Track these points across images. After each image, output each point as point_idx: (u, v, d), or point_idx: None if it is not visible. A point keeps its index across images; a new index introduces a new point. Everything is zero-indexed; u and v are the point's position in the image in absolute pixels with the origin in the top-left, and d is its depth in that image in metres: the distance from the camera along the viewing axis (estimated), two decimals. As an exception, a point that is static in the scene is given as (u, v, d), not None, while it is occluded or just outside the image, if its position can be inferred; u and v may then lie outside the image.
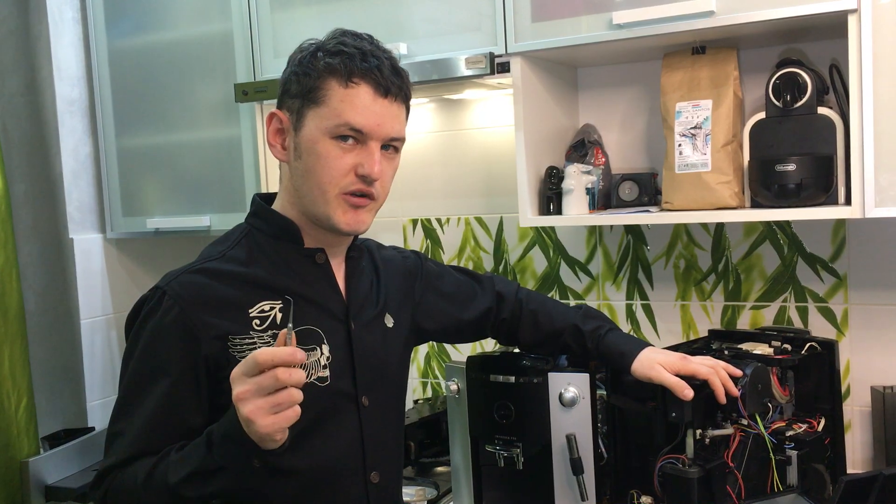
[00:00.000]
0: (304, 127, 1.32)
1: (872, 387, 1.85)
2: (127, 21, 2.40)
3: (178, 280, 1.31)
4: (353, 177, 1.31)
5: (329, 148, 1.30)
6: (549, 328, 1.66)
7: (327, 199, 1.31)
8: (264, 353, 1.10)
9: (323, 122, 1.30)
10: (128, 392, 1.31)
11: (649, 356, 1.56)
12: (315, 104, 1.30)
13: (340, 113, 1.29)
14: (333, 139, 1.30)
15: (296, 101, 1.33)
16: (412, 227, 2.40)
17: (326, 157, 1.30)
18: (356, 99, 1.30)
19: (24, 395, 2.19)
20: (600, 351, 1.61)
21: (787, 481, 1.57)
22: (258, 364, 1.10)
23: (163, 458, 1.25)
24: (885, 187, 1.55)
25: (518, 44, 1.84)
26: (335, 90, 1.30)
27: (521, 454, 1.62)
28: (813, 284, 1.94)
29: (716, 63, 1.81)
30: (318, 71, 1.30)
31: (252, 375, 1.11)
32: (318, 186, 1.31)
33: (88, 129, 2.50)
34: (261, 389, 1.10)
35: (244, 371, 1.11)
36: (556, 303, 1.74)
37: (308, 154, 1.31)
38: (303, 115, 1.32)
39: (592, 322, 1.64)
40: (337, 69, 1.30)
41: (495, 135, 2.28)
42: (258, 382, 1.10)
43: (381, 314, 1.48)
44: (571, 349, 1.65)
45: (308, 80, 1.31)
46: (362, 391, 1.39)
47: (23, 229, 2.38)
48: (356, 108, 1.30)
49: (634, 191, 1.97)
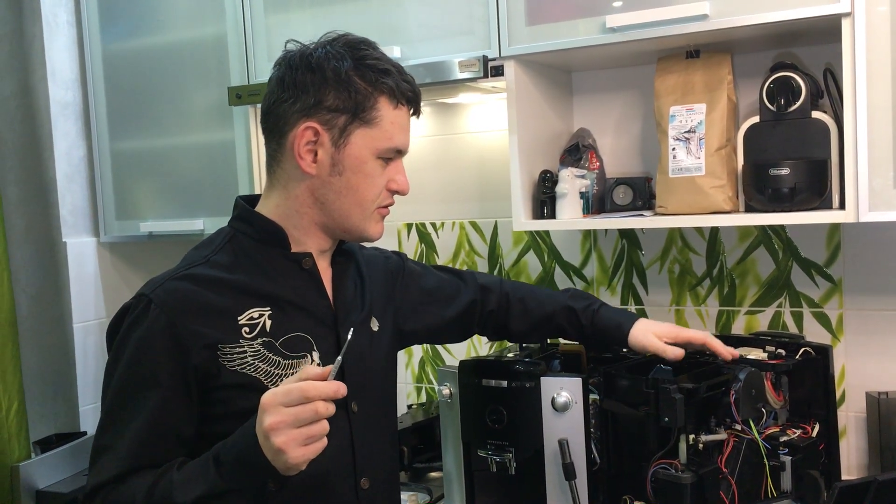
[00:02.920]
0: (350, 145, 1.31)
1: (867, 392, 1.84)
2: (121, 24, 2.40)
3: (164, 287, 1.28)
4: (386, 192, 1.37)
5: (376, 167, 1.34)
6: (540, 313, 1.67)
7: (366, 214, 1.35)
8: (313, 389, 1.10)
9: (374, 143, 1.31)
10: (114, 405, 1.27)
11: (644, 326, 1.61)
12: (366, 124, 1.31)
13: (392, 136, 1.33)
14: (379, 159, 1.33)
15: (339, 117, 1.30)
16: (406, 231, 2.40)
17: (373, 175, 1.33)
18: (402, 120, 1.34)
19: (14, 399, 2.18)
20: (595, 326, 1.63)
21: (781, 487, 1.56)
22: (305, 398, 1.10)
23: (162, 476, 1.21)
24: (879, 191, 1.55)
25: (512, 47, 1.84)
26: (386, 111, 1.31)
27: (513, 459, 1.61)
28: (808, 289, 1.94)
29: (710, 67, 1.81)
30: (370, 89, 1.30)
31: (290, 406, 1.10)
32: (359, 204, 1.34)
33: (82, 133, 2.50)
34: (297, 421, 1.10)
35: (283, 401, 1.11)
36: (542, 288, 1.77)
37: (353, 172, 1.32)
38: (348, 132, 1.30)
39: (583, 300, 1.67)
40: (391, 89, 1.31)
41: (490, 139, 2.27)
42: (296, 414, 1.10)
43: (367, 318, 1.46)
44: (565, 330, 1.67)
45: (357, 96, 1.29)
46: (352, 397, 1.38)
47: (16, 232, 2.37)
48: (403, 131, 1.35)
49: (628, 195, 1.97)
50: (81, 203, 2.49)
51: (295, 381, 1.12)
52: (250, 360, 1.28)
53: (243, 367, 1.27)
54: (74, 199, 2.47)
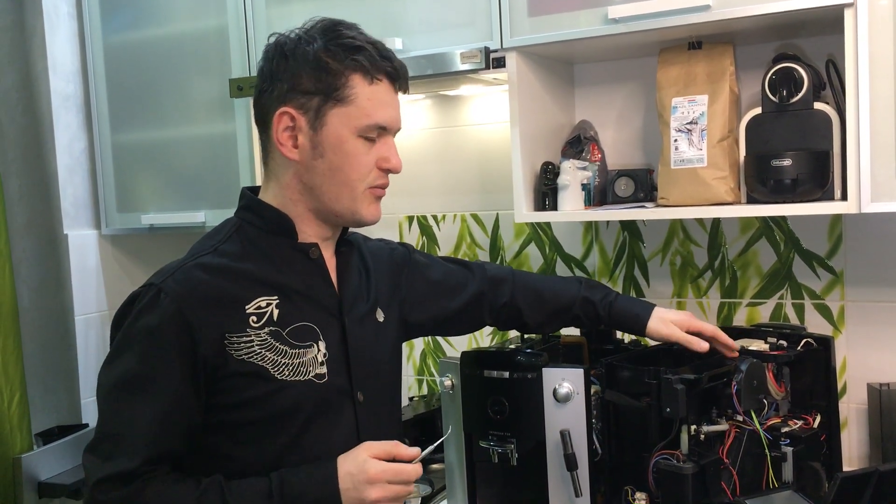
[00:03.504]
0: (327, 125, 1.30)
1: (869, 384, 1.84)
2: (122, 16, 2.39)
3: (174, 277, 1.28)
4: (377, 171, 1.34)
5: (357, 146, 1.31)
6: (556, 305, 1.67)
7: (355, 195, 1.33)
8: (415, 474, 1.30)
9: (351, 121, 1.30)
10: (121, 393, 1.26)
11: (661, 315, 1.62)
12: (340, 102, 1.29)
13: (370, 112, 1.30)
14: (360, 137, 1.31)
15: (313, 99, 1.30)
16: (408, 224, 2.39)
17: (356, 154, 1.31)
18: (382, 96, 1.32)
19: (16, 391, 2.18)
20: (613, 318, 1.64)
21: (782, 478, 1.57)
22: (408, 481, 1.29)
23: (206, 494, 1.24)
24: (881, 182, 1.55)
25: (514, 38, 1.83)
26: (361, 87, 1.30)
27: (514, 450, 1.61)
28: (809, 281, 1.94)
29: (712, 58, 1.80)
30: (340, 67, 1.29)
31: (393, 483, 1.28)
32: (346, 184, 1.32)
33: (83, 125, 2.49)
34: (396, 499, 1.29)
35: (390, 479, 1.27)
36: (554, 278, 1.76)
37: (334, 153, 1.31)
38: (323, 112, 1.30)
39: (598, 291, 1.67)
40: (363, 66, 1.29)
41: (491, 131, 2.27)
42: (397, 493, 1.28)
43: (372, 309, 1.47)
44: (581, 321, 1.68)
45: (328, 76, 1.29)
46: (357, 387, 1.38)
47: (17, 225, 2.37)
48: (383, 106, 1.32)
49: (630, 187, 1.96)
50: (83, 195, 2.49)
51: (384, 450, 1.30)
52: (257, 349, 1.28)
53: (250, 356, 1.27)
54: (76, 191, 2.47)
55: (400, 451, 1.31)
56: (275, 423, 1.30)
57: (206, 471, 1.27)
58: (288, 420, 1.30)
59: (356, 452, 1.29)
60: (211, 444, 1.29)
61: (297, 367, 1.31)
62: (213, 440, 1.29)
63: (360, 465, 1.27)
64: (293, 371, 1.30)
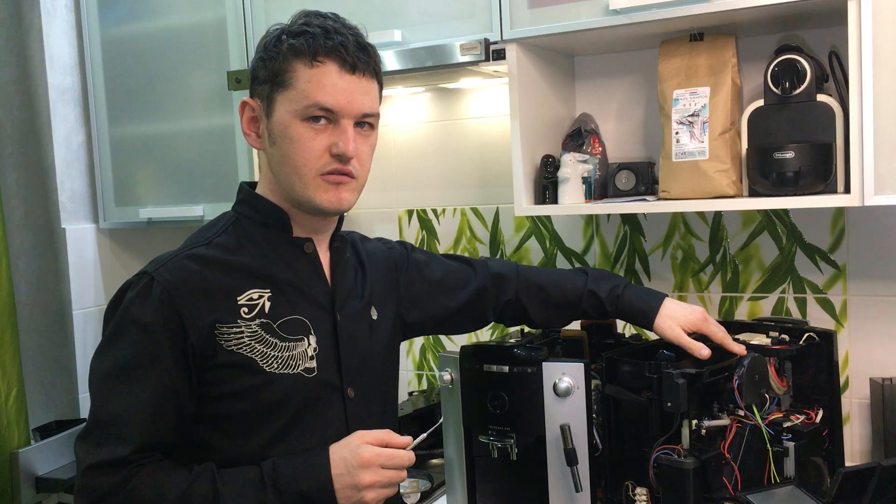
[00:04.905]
0: (275, 112, 1.30)
1: (871, 378, 1.83)
2: (119, 9, 2.38)
3: (167, 267, 1.28)
4: (328, 157, 1.30)
5: (301, 131, 1.29)
6: (561, 300, 1.65)
7: (305, 182, 1.30)
8: (408, 460, 1.31)
9: (292, 104, 1.28)
10: (114, 380, 1.26)
11: (669, 314, 1.58)
12: (283, 88, 1.29)
13: (308, 94, 1.28)
14: (305, 121, 1.29)
15: (265, 87, 1.31)
16: (408, 217, 2.38)
17: (300, 139, 1.29)
18: (323, 78, 1.28)
19: (14, 386, 2.18)
20: (620, 313, 1.62)
21: (784, 473, 1.55)
22: (402, 466, 1.30)
23: (198, 479, 1.23)
24: (884, 175, 1.53)
25: (514, 30, 1.82)
26: (301, 71, 1.28)
27: (514, 445, 1.60)
28: (812, 275, 1.92)
29: (714, 50, 1.79)
30: (282, 54, 1.29)
31: (387, 468, 1.28)
32: (294, 171, 1.30)
33: (81, 118, 2.48)
34: (389, 483, 1.29)
35: (384, 463, 1.27)
36: (560, 272, 1.72)
37: (282, 139, 1.30)
38: (272, 100, 1.30)
39: (606, 284, 1.64)
40: (301, 49, 1.28)
41: (491, 124, 2.26)
42: (391, 478, 1.28)
43: (366, 307, 1.46)
44: (589, 315, 1.66)
45: (274, 63, 1.29)
46: (347, 382, 1.38)
47: (15, 219, 2.36)
48: (324, 87, 1.28)
49: (631, 180, 1.95)
50: (80, 189, 2.48)
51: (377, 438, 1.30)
52: (247, 341, 1.28)
53: (240, 347, 1.27)
54: (73, 185, 2.46)
55: (392, 439, 1.30)
56: (263, 415, 1.29)
57: (195, 462, 1.27)
58: (276, 413, 1.30)
59: (349, 439, 1.30)
60: (199, 436, 1.29)
61: (287, 360, 1.30)
62: (201, 431, 1.29)
63: (353, 450, 1.27)
64: (282, 364, 1.29)
